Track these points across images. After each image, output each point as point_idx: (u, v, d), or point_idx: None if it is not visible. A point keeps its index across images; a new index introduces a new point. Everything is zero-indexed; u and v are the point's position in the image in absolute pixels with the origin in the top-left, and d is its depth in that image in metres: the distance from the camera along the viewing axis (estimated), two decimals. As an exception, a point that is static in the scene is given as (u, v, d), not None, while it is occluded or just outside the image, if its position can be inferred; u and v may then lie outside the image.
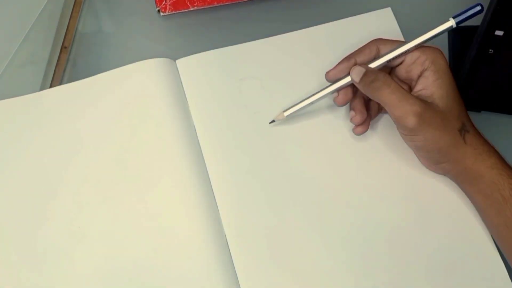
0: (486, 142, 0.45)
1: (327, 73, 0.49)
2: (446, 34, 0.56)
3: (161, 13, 0.59)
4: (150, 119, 0.51)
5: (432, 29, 0.47)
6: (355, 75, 0.46)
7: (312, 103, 0.49)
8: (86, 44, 0.60)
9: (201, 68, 0.54)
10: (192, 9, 0.59)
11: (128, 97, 0.52)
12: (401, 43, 0.47)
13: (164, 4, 0.58)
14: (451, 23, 0.47)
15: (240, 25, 0.59)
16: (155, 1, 0.59)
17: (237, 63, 0.54)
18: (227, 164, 0.50)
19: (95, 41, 0.60)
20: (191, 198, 0.48)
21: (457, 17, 0.46)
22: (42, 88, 0.56)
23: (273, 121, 0.51)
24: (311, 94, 0.50)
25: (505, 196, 0.43)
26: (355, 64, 0.47)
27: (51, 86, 0.57)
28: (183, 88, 0.53)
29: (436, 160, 0.46)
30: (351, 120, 0.49)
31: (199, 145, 0.50)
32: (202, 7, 0.60)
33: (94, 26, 0.61)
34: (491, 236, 0.47)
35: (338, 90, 0.48)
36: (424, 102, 0.44)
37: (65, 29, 0.59)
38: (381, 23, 0.47)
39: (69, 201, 0.48)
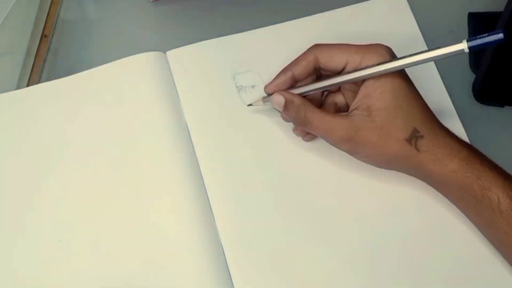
0: (447, 143, 0.42)
1: (266, 86, 0.48)
2: (465, 21, 0.55)
3: (151, -2, 0.59)
4: (138, 122, 0.50)
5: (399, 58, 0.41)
6: (276, 105, 0.46)
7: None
8: (68, 33, 0.58)
9: (193, 61, 0.52)
10: (185, -6, 0.58)
11: (114, 97, 0.51)
12: (339, 47, 0.44)
13: (154, -11, 0.58)
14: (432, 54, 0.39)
15: (236, 13, 0.57)
16: (145, -15, 0.57)
17: (232, 54, 0.52)
18: (222, 167, 0.49)
19: (78, 29, 0.58)
20: (184, 203, 0.47)
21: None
22: (20, 80, 0.55)
23: (250, 104, 0.50)
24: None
25: (477, 197, 0.41)
26: (292, 76, 0.46)
27: (30, 78, 0.56)
28: (174, 83, 0.52)
29: (394, 170, 0.46)
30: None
31: (192, 146, 0.49)
32: (196, -8, 0.58)
33: (77, 12, 0.59)
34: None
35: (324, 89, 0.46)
36: (355, 123, 0.43)
37: (46, 15, 0.58)
38: (393, 10, 0.45)
39: (48, 211, 0.47)
